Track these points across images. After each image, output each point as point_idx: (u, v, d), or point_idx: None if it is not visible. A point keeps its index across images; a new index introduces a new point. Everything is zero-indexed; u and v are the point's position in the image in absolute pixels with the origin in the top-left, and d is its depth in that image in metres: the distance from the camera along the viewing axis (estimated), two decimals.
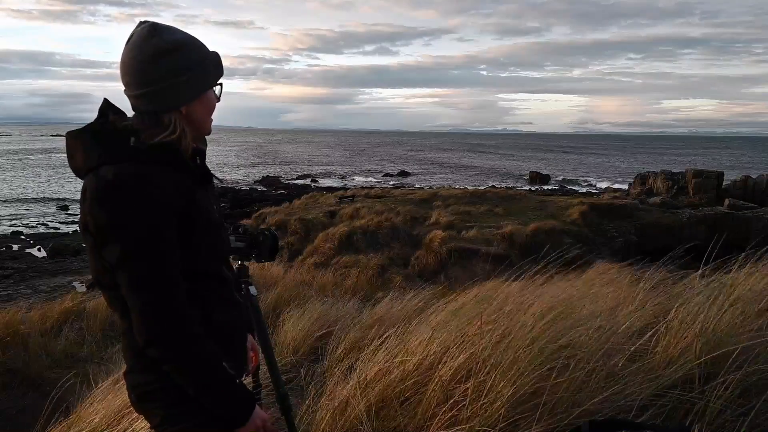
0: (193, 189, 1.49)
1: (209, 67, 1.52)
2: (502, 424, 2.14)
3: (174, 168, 1.45)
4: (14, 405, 4.16)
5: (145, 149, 1.42)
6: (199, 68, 1.49)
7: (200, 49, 1.51)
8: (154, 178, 1.40)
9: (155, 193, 1.38)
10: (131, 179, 1.37)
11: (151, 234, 1.38)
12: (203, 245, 1.52)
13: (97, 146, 1.43)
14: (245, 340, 1.75)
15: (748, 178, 32.30)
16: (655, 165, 66.22)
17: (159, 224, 1.38)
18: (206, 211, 1.52)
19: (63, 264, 20.33)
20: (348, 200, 23.04)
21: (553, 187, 49.89)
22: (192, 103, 1.50)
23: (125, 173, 1.37)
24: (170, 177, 1.43)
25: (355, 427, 2.45)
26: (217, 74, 1.55)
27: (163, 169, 1.43)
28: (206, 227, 1.52)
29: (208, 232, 1.53)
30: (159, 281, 1.39)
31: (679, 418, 2.19)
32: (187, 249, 1.47)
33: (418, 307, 4.85)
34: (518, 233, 16.78)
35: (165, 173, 1.42)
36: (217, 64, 1.54)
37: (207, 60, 1.51)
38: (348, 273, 13.23)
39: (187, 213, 1.45)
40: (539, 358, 2.34)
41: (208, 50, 1.53)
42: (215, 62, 1.54)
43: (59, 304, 6.39)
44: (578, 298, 3.49)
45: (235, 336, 1.67)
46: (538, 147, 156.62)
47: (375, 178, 60.07)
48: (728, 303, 2.69)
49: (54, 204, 36.65)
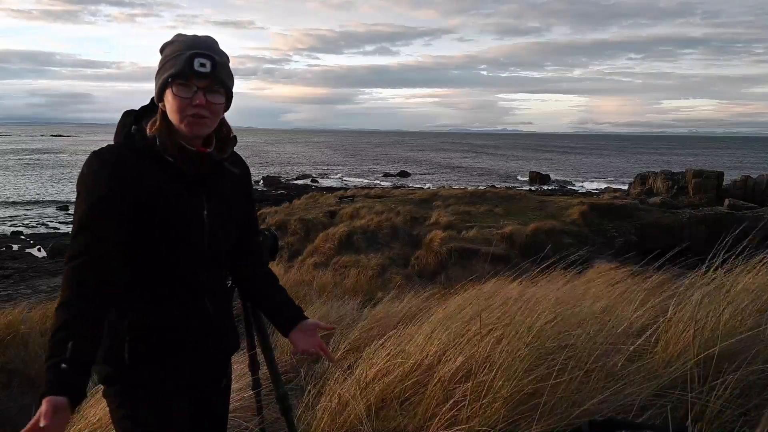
0: (162, 183, 1.53)
1: (167, 65, 1.54)
2: (501, 424, 2.14)
3: (151, 159, 1.54)
4: (14, 405, 4.16)
5: (130, 135, 1.55)
6: (164, 66, 1.56)
7: (174, 46, 1.55)
8: (115, 161, 1.50)
9: (107, 174, 1.48)
10: (94, 158, 1.51)
11: (90, 210, 1.47)
12: (165, 242, 1.56)
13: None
14: (194, 350, 1.67)
15: (748, 178, 32.30)
16: (655, 165, 66.21)
17: (100, 204, 1.47)
18: (176, 209, 1.55)
19: (63, 264, 20.34)
20: (348, 200, 23.04)
21: (553, 187, 49.87)
22: (163, 100, 1.56)
23: (97, 152, 1.51)
24: (137, 165, 1.52)
25: (355, 427, 2.45)
26: (175, 72, 1.51)
27: (139, 156, 1.53)
28: (172, 225, 1.55)
29: (175, 231, 1.56)
30: (81, 253, 1.46)
31: (678, 418, 2.19)
32: (147, 241, 1.54)
33: (418, 307, 4.86)
34: (518, 233, 16.78)
35: (134, 160, 1.52)
36: (177, 61, 1.51)
37: (169, 58, 1.55)
38: (348, 273, 13.24)
39: (149, 205, 1.51)
40: (539, 358, 2.35)
41: (179, 48, 1.53)
42: (175, 60, 1.52)
43: None
44: (578, 298, 3.49)
45: (170, 344, 1.62)
46: (538, 147, 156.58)
47: (375, 178, 60.06)
48: (727, 302, 2.70)
49: (54, 204, 36.65)
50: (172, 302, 1.62)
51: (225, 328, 1.77)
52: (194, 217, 1.60)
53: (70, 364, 1.40)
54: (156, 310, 1.60)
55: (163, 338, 1.62)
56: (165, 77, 1.53)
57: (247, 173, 1.83)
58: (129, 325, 1.59)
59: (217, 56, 1.55)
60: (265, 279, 1.93)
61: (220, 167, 1.66)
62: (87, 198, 1.48)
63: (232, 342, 1.84)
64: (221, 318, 1.75)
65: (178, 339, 1.63)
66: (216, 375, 1.78)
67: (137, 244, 1.54)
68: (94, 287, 1.46)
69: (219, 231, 1.66)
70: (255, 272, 1.91)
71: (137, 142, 1.55)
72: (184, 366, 1.66)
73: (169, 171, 1.56)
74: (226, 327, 1.78)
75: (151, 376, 1.61)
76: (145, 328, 1.60)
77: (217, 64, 1.54)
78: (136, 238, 1.53)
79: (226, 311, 1.79)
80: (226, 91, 1.59)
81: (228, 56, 1.62)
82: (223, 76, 1.56)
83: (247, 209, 1.83)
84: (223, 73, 1.56)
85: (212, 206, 1.64)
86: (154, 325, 1.60)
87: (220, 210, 1.67)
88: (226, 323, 1.78)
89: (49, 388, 1.37)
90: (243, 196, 1.79)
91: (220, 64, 1.55)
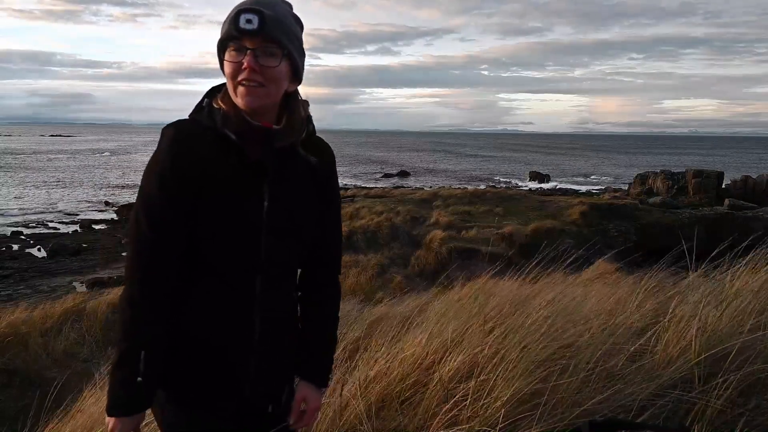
0: (219, 163, 1.32)
1: (222, 29, 1.33)
2: (502, 424, 2.14)
3: (213, 135, 1.33)
4: (14, 404, 4.16)
5: (200, 109, 1.36)
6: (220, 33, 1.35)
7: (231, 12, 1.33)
8: (174, 134, 1.32)
9: (166, 149, 1.31)
10: (163, 131, 1.34)
11: (147, 186, 1.33)
12: (213, 235, 1.33)
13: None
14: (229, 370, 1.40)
15: (748, 178, 32.32)
16: (655, 165, 66.24)
17: (157, 179, 1.31)
18: (229, 196, 1.32)
19: (63, 264, 20.37)
20: (348, 200, 23.05)
21: (554, 187, 49.89)
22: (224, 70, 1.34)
23: (166, 126, 1.34)
24: (197, 140, 1.32)
25: (355, 427, 2.45)
26: (223, 35, 1.32)
27: (203, 131, 1.33)
28: (223, 214, 1.32)
29: (225, 222, 1.33)
30: (139, 231, 1.32)
31: (679, 418, 2.19)
32: (197, 231, 1.33)
33: (418, 307, 4.86)
34: (518, 233, 16.80)
35: (196, 136, 1.32)
36: (225, 23, 1.31)
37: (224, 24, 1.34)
38: (348, 273, 13.24)
39: (202, 186, 1.31)
40: (539, 358, 2.35)
41: (232, 12, 1.31)
42: (225, 23, 1.31)
43: (59, 304, 6.40)
44: (578, 298, 3.49)
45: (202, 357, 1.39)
46: (538, 147, 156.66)
47: (375, 178, 60.08)
48: (727, 302, 2.70)
49: (54, 204, 36.64)
50: (213, 311, 1.38)
51: (276, 354, 1.46)
52: (251, 210, 1.34)
53: (145, 377, 1.31)
54: (195, 316, 1.39)
55: (196, 349, 1.40)
56: (217, 44, 1.33)
57: (330, 163, 1.50)
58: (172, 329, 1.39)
59: (268, 10, 1.27)
60: (314, 305, 1.57)
61: (291, 152, 1.39)
62: (147, 174, 1.33)
63: (287, 372, 1.52)
64: (274, 342, 1.44)
65: (210, 354, 1.39)
66: (258, 402, 1.47)
67: (187, 238, 1.34)
68: (158, 279, 1.32)
69: (281, 233, 1.38)
70: (317, 292, 1.57)
71: (204, 117, 1.34)
72: (216, 385, 1.42)
73: (230, 151, 1.33)
74: (277, 353, 1.46)
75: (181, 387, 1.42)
76: (183, 335, 1.39)
77: (266, 18, 1.26)
78: (187, 229, 1.33)
79: (282, 336, 1.47)
80: (286, 53, 1.31)
81: (295, 20, 1.36)
82: (276, 32, 1.28)
83: (324, 210, 1.49)
84: (276, 29, 1.28)
85: (275, 201, 1.36)
86: (190, 333, 1.39)
87: (288, 207, 1.39)
88: (279, 349, 1.47)
89: (124, 404, 1.32)
90: (320, 192, 1.46)
91: (270, 19, 1.27)
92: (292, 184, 1.39)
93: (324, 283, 1.59)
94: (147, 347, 1.32)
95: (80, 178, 53.41)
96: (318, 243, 1.51)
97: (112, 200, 38.01)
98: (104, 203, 37.26)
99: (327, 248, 1.55)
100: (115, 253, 22.09)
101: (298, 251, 1.46)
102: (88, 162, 73.88)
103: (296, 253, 1.46)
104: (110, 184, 48.41)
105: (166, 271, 1.33)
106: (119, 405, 1.33)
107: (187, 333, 1.39)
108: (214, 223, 1.32)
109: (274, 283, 1.42)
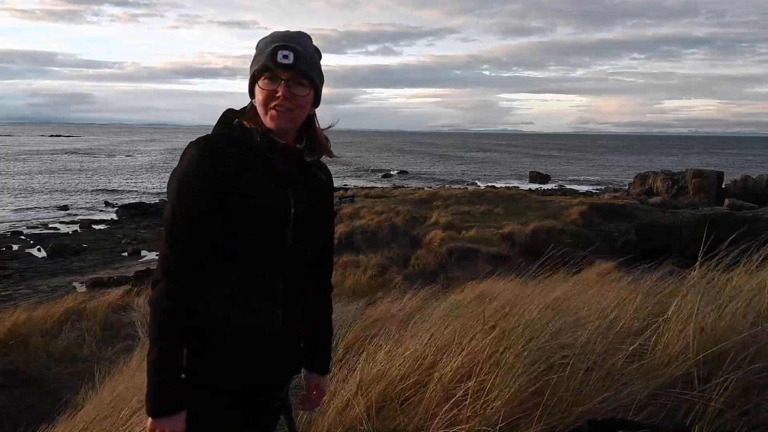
0: (253, 172, 1.49)
1: (255, 60, 1.53)
2: (502, 423, 2.14)
3: (246, 148, 1.50)
4: (15, 404, 4.16)
5: (231, 126, 1.53)
6: (253, 61, 1.54)
7: (264, 41, 1.53)
8: (207, 144, 1.47)
9: (198, 156, 1.45)
10: (190, 144, 1.49)
11: (177, 194, 1.46)
12: (247, 237, 1.50)
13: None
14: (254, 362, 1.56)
15: (748, 178, 32.33)
16: (655, 165, 66.21)
17: (186, 189, 1.45)
18: (263, 201, 1.50)
19: (63, 264, 20.36)
20: (348, 200, 23.04)
21: (554, 187, 49.87)
22: (255, 95, 1.54)
23: (194, 140, 1.49)
24: (232, 151, 1.48)
25: (355, 426, 2.46)
26: (260, 66, 1.50)
27: (235, 143, 1.50)
28: (257, 218, 1.49)
29: (259, 225, 1.50)
30: (171, 238, 1.46)
31: (679, 417, 2.19)
32: (230, 232, 1.49)
33: (417, 307, 4.86)
34: (518, 233, 16.79)
35: (230, 148, 1.48)
36: (262, 55, 1.50)
37: (257, 53, 1.53)
38: (348, 273, 13.25)
39: (236, 192, 1.47)
40: (539, 357, 2.35)
41: (267, 43, 1.51)
42: (261, 55, 1.51)
43: (59, 304, 6.40)
44: (578, 297, 3.49)
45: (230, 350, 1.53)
46: (538, 147, 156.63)
47: (375, 178, 60.08)
48: (727, 301, 2.70)
49: (54, 204, 36.64)
50: (242, 306, 1.54)
51: (292, 345, 1.67)
52: (281, 213, 1.54)
53: (187, 373, 1.45)
54: (226, 307, 1.53)
55: (223, 343, 1.53)
56: (252, 72, 1.52)
57: (331, 182, 1.74)
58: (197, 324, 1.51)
59: (301, 48, 1.51)
60: (319, 308, 1.81)
61: (308, 168, 1.60)
62: (183, 177, 1.45)
63: (296, 362, 1.73)
64: (291, 333, 1.65)
65: (239, 347, 1.54)
66: (272, 392, 1.67)
67: (220, 235, 1.49)
68: (193, 274, 1.47)
69: (303, 234, 1.59)
70: (316, 295, 1.79)
71: (237, 132, 1.52)
72: (239, 376, 1.55)
73: (260, 162, 1.51)
74: (293, 344, 1.68)
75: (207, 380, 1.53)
76: (213, 329, 1.52)
77: (299, 56, 1.49)
78: (221, 227, 1.48)
79: (296, 328, 1.68)
80: (312, 85, 1.53)
81: (316, 51, 1.57)
82: (306, 68, 1.50)
83: (326, 220, 1.73)
84: (306, 65, 1.51)
85: (299, 207, 1.57)
86: (220, 328, 1.52)
87: (308, 211, 1.60)
88: (294, 340, 1.69)
89: (171, 403, 1.44)
90: (325, 205, 1.70)
91: (303, 56, 1.50)
92: (309, 195, 1.61)
93: (323, 287, 1.82)
94: (183, 343, 1.46)
95: (80, 178, 53.42)
96: (317, 253, 1.72)
97: (112, 200, 38.03)
98: (104, 203, 37.29)
99: (325, 256, 1.78)
100: (115, 253, 22.10)
101: (310, 253, 1.67)
102: (88, 162, 73.88)
103: (309, 255, 1.67)
104: (110, 184, 48.44)
105: (199, 267, 1.48)
106: (165, 406, 1.44)
107: (216, 323, 1.52)
108: (248, 224, 1.49)
109: (293, 280, 1.61)
